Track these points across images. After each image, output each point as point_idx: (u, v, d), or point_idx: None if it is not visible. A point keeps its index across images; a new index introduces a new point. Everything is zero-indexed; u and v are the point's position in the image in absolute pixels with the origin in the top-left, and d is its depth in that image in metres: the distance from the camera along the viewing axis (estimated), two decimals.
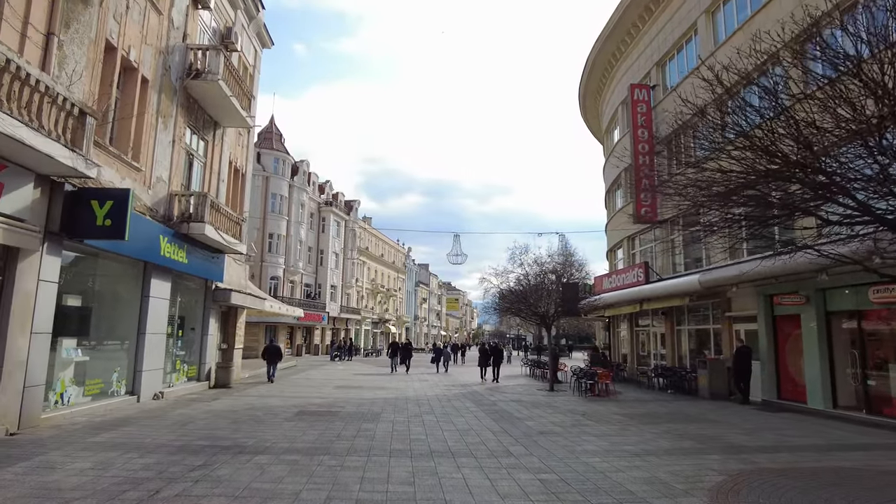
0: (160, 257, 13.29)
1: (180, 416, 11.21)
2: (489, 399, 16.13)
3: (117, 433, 9.12)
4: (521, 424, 11.36)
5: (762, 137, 6.89)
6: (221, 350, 19.48)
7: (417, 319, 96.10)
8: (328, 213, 54.73)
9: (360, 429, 10.31)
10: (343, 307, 56.88)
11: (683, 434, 10.38)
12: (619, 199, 28.31)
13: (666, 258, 21.90)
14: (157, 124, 13.75)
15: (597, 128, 35.58)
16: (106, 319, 12.37)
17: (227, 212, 16.41)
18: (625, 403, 15.58)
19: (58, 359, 10.65)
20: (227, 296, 17.62)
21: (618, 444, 9.24)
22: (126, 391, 12.79)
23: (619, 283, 24.21)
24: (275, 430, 9.86)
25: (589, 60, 29.48)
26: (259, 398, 14.85)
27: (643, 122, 23.05)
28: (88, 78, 10.68)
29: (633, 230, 24.95)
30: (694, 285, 16.97)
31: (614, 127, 29.38)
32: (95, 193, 10.00)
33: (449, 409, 13.59)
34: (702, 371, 17.53)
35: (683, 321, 21.00)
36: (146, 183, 13.27)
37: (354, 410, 12.87)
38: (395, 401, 15.13)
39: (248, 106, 18.07)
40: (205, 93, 15.79)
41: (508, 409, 13.97)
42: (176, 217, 14.40)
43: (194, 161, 16.55)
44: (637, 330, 25.46)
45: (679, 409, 14.44)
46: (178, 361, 15.62)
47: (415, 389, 18.74)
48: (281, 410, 12.52)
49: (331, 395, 16.29)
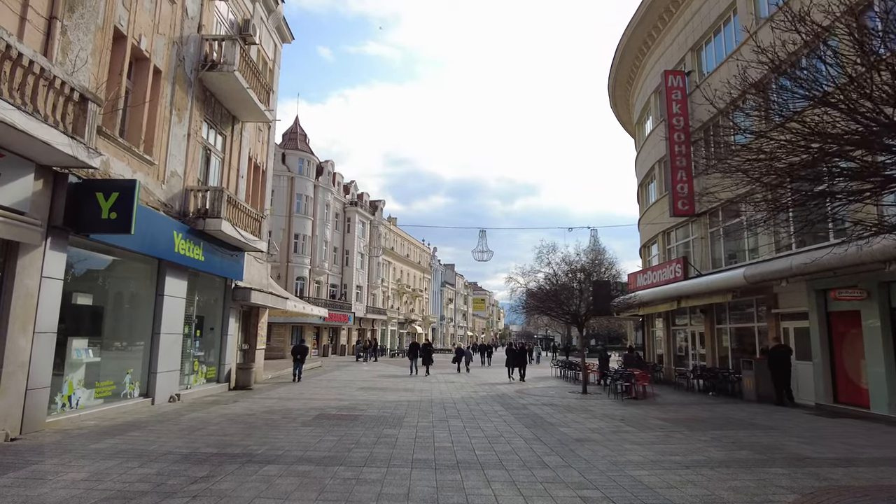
0: (175, 254, 12.79)
1: (193, 420, 10.65)
2: (519, 402, 15.26)
3: (123, 439, 8.56)
4: (555, 431, 10.48)
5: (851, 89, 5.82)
6: (243, 351, 19.03)
7: (443, 320, 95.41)
8: (353, 213, 54.41)
9: (381, 435, 9.57)
10: (369, 307, 56.50)
11: (737, 442, 9.38)
12: (653, 193, 27.09)
13: (705, 253, 20.69)
14: (170, 117, 13.28)
15: (627, 119, 34.33)
16: (119, 319, 11.91)
17: (245, 208, 15.90)
18: (665, 407, 14.55)
19: (67, 360, 10.20)
20: (247, 295, 17.11)
21: (665, 454, 8.31)
22: (140, 393, 12.31)
23: (654, 280, 23.04)
24: (290, 436, 9.19)
25: (619, 49, 28.31)
26: (278, 401, 14.27)
27: (678, 109, 21.88)
28: (95, 66, 10.19)
29: (669, 224, 23.76)
30: (738, 280, 15.80)
31: (646, 118, 28.18)
32: (100, 185, 9.49)
33: (476, 413, 12.77)
34: (747, 372, 16.36)
35: (724, 319, 19.78)
36: (160, 177, 12.79)
37: (376, 414, 12.16)
38: (420, 404, 14.38)
39: (266, 100, 17.56)
40: (221, 85, 15.30)
41: (540, 412, 13.10)
42: (191, 213, 13.92)
43: (212, 156, 16.08)
44: (673, 329, 24.24)
45: (725, 413, 13.36)
46: (196, 362, 15.15)
47: (440, 392, 17.97)
48: (299, 414, 11.87)
49: (353, 397, 15.63)
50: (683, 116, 21.80)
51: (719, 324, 20.07)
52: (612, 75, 31.06)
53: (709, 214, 20.63)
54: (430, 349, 27.52)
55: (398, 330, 68.27)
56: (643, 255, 29.42)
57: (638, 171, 30.76)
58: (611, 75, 31.17)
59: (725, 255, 19.71)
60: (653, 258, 27.46)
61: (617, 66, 29.60)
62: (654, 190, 26.86)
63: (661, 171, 25.09)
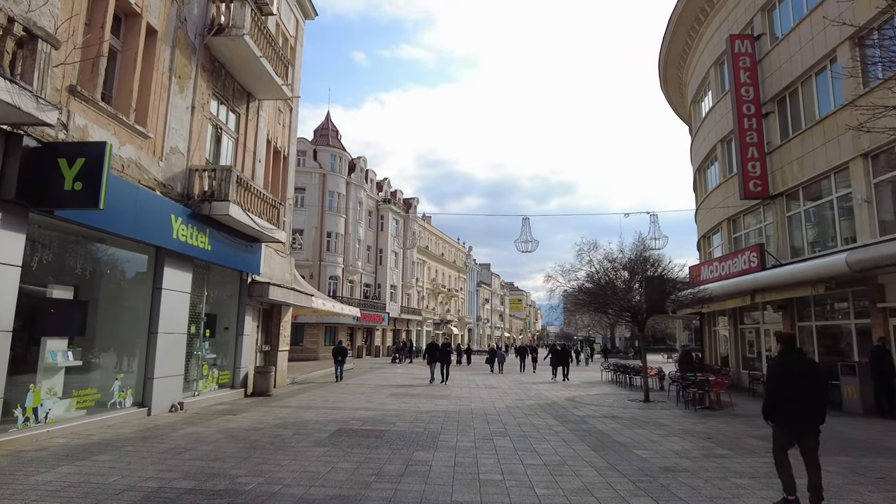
0: (173, 241, 11.07)
1: (186, 436, 8.84)
2: (574, 413, 13.02)
3: (84, 466, 6.76)
4: (630, 455, 8.26)
5: None
6: (263, 353, 17.34)
7: (480, 321, 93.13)
8: (387, 211, 52.78)
9: (411, 460, 7.55)
10: (403, 307, 54.77)
11: (887, 478, 6.98)
12: (713, 177, 24.37)
13: (781, 240, 17.99)
14: (170, 85, 11.59)
15: (679, 102, 31.53)
16: (107, 315, 10.21)
17: (259, 192, 14.13)
18: (752, 420, 12.09)
19: (40, 364, 8.55)
20: (265, 290, 15.37)
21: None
22: (134, 402, 10.62)
23: (722, 273, 20.37)
24: (295, 462, 7.25)
25: (671, 21, 25.63)
26: (295, 410, 12.42)
27: (747, 78, 19.22)
28: (64, 11, 8.47)
29: (735, 210, 21.08)
30: (837, 268, 13.18)
31: (704, 94, 25.45)
32: (63, 150, 7.75)
33: (527, 429, 10.62)
34: (849, 379, 13.71)
35: (808, 316, 17.05)
36: (156, 153, 11.09)
37: (407, 429, 10.15)
38: (458, 415, 12.32)
39: (284, 74, 15.81)
40: (231, 54, 13.59)
41: (603, 428, 10.86)
42: (197, 196, 12.22)
43: (223, 136, 14.40)
44: (742, 328, 21.49)
45: (834, 430, 10.83)
46: (205, 366, 13.44)
47: (481, 399, 15.85)
48: (315, 429, 9.96)
49: (382, 405, 13.68)
50: (753, 86, 19.14)
51: (802, 321, 17.34)
52: (663, 52, 28.34)
53: (785, 196, 17.95)
54: (448, 350, 22.70)
55: (434, 331, 66.37)
56: (702, 247, 26.65)
57: (694, 156, 28.01)
58: (662, 52, 28.45)
59: (808, 241, 17.00)
60: (714, 249, 24.72)
61: (669, 40, 26.90)
62: (714, 174, 24.14)
63: (724, 151, 22.42)
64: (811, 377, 5.64)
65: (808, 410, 5.56)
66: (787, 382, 5.65)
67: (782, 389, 5.65)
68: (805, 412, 5.57)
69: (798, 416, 5.58)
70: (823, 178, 15.96)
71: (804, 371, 5.67)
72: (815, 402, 5.58)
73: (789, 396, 5.61)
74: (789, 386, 5.63)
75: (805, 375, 5.64)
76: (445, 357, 22.00)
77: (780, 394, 5.66)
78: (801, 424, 5.59)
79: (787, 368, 5.71)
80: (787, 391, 5.62)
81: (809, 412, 5.56)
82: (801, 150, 16.88)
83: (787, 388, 5.63)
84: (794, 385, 5.61)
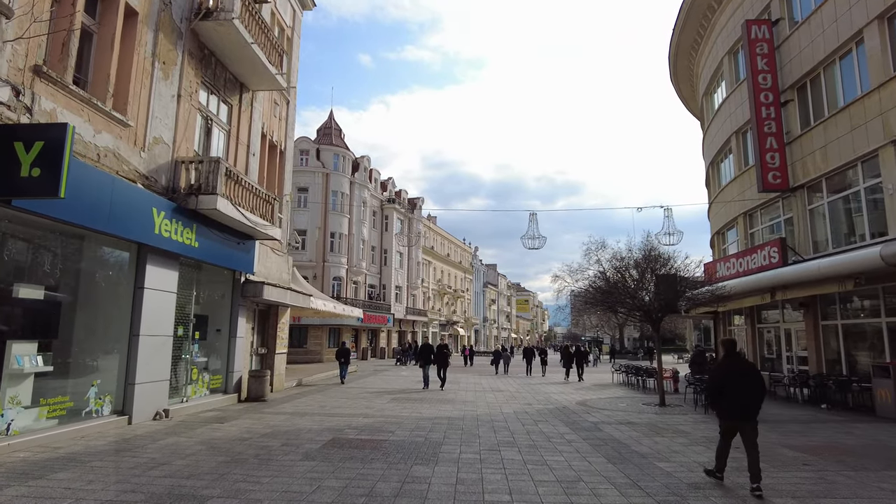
0: (156, 237, 10.33)
1: (162, 449, 8.07)
2: (587, 420, 12.18)
3: (37, 486, 6.01)
4: (652, 469, 7.42)
5: None
6: (260, 355, 16.60)
7: (486, 321, 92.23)
8: (391, 211, 52.01)
9: (408, 476, 6.74)
10: (409, 309, 53.98)
11: None
12: (727, 171, 23.44)
13: (803, 234, 17.07)
14: (153, 71, 10.85)
15: (690, 95, 30.61)
16: (82, 317, 9.46)
17: (251, 186, 13.38)
18: (781, 427, 11.24)
19: (4, 371, 7.80)
20: (259, 290, 14.62)
21: None
22: (113, 410, 9.86)
23: (740, 269, 19.44)
24: (277, 479, 6.46)
25: (682, 9, 24.71)
26: (289, 417, 11.65)
27: (765, 65, 18.31)
28: None
29: (752, 204, 20.15)
30: (870, 262, 12.29)
31: (717, 85, 24.53)
32: (20, 132, 6.99)
33: (537, 437, 9.79)
34: (882, 381, 12.81)
35: (833, 314, 16.13)
36: (137, 142, 10.36)
37: (406, 438, 9.35)
38: (463, 421, 11.51)
39: (279, 63, 15.07)
40: (221, 40, 12.86)
41: (620, 436, 10.02)
42: (183, 189, 11.48)
43: (214, 127, 13.67)
44: (760, 327, 20.56)
45: (873, 437, 9.99)
46: (195, 370, 12.69)
47: (487, 403, 15.03)
48: (307, 438, 9.18)
49: (382, 410, 12.89)
50: (771, 73, 18.23)
51: (826, 319, 16.42)
52: (673, 43, 27.41)
53: (807, 188, 17.04)
54: (446, 352, 20.28)
55: (440, 332, 65.55)
56: (716, 244, 25.69)
57: (706, 150, 27.07)
58: (672, 43, 27.51)
59: (832, 235, 16.07)
60: (729, 246, 23.79)
61: (680, 30, 25.96)
62: (729, 167, 23.21)
63: (739, 143, 21.51)
64: (749, 375, 6.50)
65: (747, 403, 6.40)
66: (728, 380, 6.49)
67: (724, 386, 6.50)
68: (744, 404, 6.41)
69: (739, 408, 6.43)
70: (849, 167, 15.04)
71: (743, 371, 6.54)
72: (752, 395, 6.40)
73: (731, 392, 6.44)
74: (731, 383, 6.47)
75: (744, 374, 6.50)
76: (443, 360, 19.78)
77: (721, 390, 6.52)
78: (741, 415, 6.43)
79: (729, 368, 6.60)
80: (729, 388, 6.46)
81: (748, 404, 6.40)
82: (824, 138, 15.97)
83: (729, 385, 6.47)
84: (734, 382, 6.46)
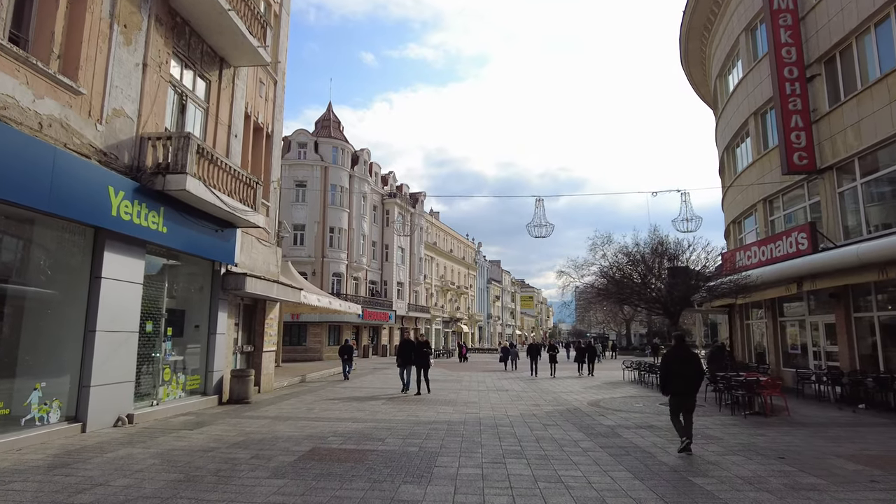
0: (112, 220, 9.12)
1: (108, 463, 6.85)
2: (602, 423, 10.91)
3: None
4: (688, 487, 6.17)
5: None
6: (245, 353, 15.41)
7: (490, 318, 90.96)
8: (392, 206, 50.72)
9: (394, 498, 5.52)
10: (411, 305, 52.76)
11: None
12: (744, 156, 22.11)
13: (832, 219, 15.75)
14: (111, 34, 9.62)
15: (702, 80, 29.24)
16: (23, 311, 8.24)
17: (229, 167, 12.15)
18: (822, 431, 9.95)
19: None
20: (241, 282, 13.42)
21: None
22: (64, 417, 8.66)
23: (761, 258, 18.14)
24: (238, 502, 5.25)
25: None
26: (269, 422, 10.43)
27: (788, 38, 16.99)
28: None
29: (773, 189, 18.84)
30: None
31: (732, 66, 23.18)
32: None
33: (548, 446, 8.55)
34: None
35: (868, 306, 14.82)
36: (92, 113, 9.14)
37: (397, 448, 8.12)
38: (464, 426, 10.27)
39: (262, 36, 13.85)
40: (194, 7, 11.63)
41: (641, 443, 8.77)
42: (150, 168, 10.27)
43: (189, 103, 12.46)
44: (782, 320, 19.24)
45: None
46: (167, 370, 11.49)
47: (491, 404, 13.79)
48: (282, 449, 7.96)
49: (375, 413, 11.68)
50: (796, 46, 16.91)
51: (858, 312, 15.11)
52: (684, 24, 26.03)
53: (836, 169, 15.72)
54: (426, 350, 16.29)
55: (443, 329, 64.33)
56: (731, 234, 24.35)
57: (720, 136, 25.72)
58: (683, 24, 26.13)
59: (866, 219, 14.74)
60: (746, 235, 22.45)
61: (692, 9, 24.61)
62: (746, 151, 21.89)
63: (758, 124, 20.19)
64: (689, 361, 8.13)
65: (687, 383, 8.02)
66: (675, 365, 8.16)
67: (672, 370, 8.16)
68: (685, 384, 8.02)
69: (681, 387, 8.04)
70: (886, 145, 13.73)
71: (685, 357, 8.19)
72: (691, 377, 8.03)
73: (676, 374, 8.09)
74: (676, 367, 8.14)
75: (686, 360, 8.13)
76: (423, 360, 16.02)
77: (669, 373, 8.18)
78: (683, 392, 8.06)
79: (675, 355, 8.30)
80: (675, 370, 8.12)
81: (688, 384, 8.03)
82: (856, 114, 14.64)
83: (675, 368, 8.14)
84: (678, 366, 8.12)
